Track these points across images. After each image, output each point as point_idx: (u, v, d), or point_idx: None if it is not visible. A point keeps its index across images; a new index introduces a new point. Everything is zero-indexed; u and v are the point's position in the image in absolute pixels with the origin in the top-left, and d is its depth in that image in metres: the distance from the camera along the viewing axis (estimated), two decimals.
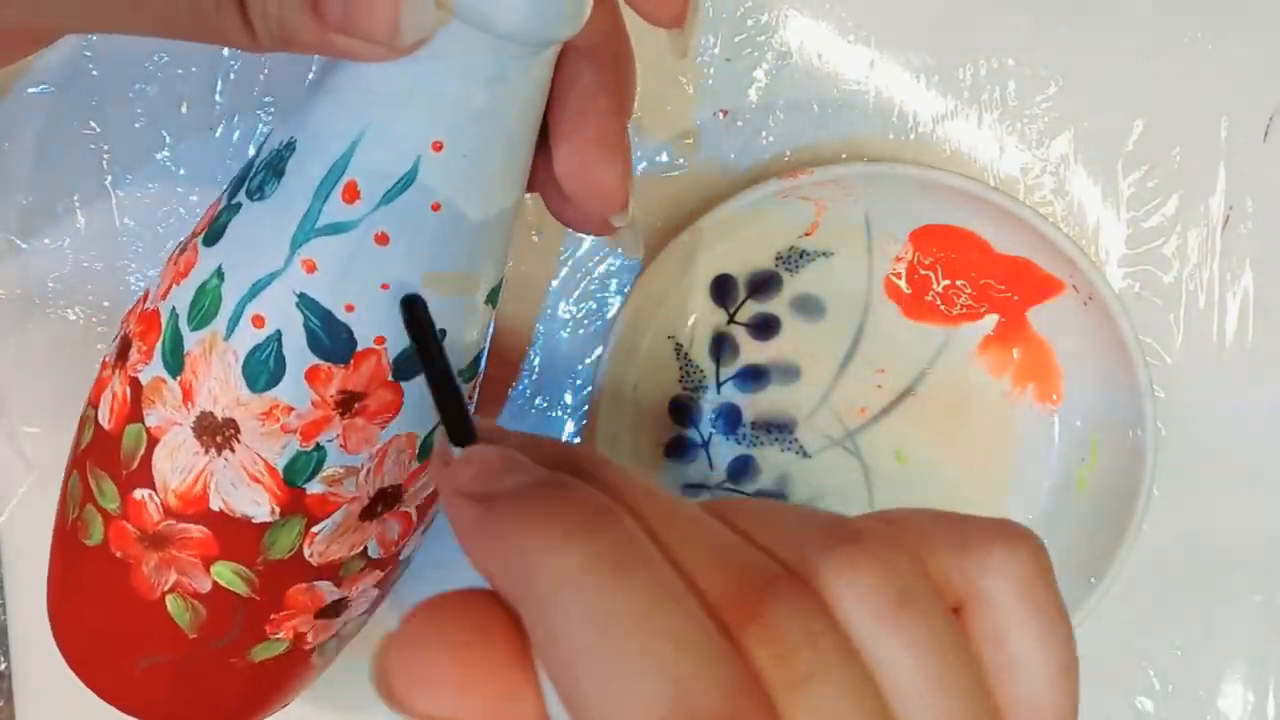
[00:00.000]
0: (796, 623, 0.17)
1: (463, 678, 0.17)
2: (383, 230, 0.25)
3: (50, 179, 0.38)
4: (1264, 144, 0.38)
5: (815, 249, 0.38)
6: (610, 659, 0.16)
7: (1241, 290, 0.39)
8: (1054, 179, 0.38)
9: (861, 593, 0.17)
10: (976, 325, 0.38)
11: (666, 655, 0.16)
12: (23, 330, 0.38)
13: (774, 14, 0.37)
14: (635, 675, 0.16)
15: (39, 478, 0.39)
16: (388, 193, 0.25)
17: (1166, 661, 0.40)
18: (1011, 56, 0.38)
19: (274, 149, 0.26)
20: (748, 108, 0.38)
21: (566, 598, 0.16)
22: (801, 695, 0.16)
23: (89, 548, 0.28)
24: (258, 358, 0.26)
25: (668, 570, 0.17)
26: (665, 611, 0.16)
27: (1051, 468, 0.38)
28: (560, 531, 0.17)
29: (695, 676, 0.16)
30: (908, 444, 0.39)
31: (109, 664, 0.30)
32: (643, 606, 0.16)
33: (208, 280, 0.26)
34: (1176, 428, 0.39)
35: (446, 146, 0.25)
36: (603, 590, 0.16)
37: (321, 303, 0.26)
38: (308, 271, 0.25)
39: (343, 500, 0.28)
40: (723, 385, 0.38)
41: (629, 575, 0.17)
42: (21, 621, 0.39)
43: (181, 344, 0.26)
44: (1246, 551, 0.40)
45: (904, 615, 0.17)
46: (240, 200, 0.27)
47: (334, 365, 0.26)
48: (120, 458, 0.27)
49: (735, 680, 0.16)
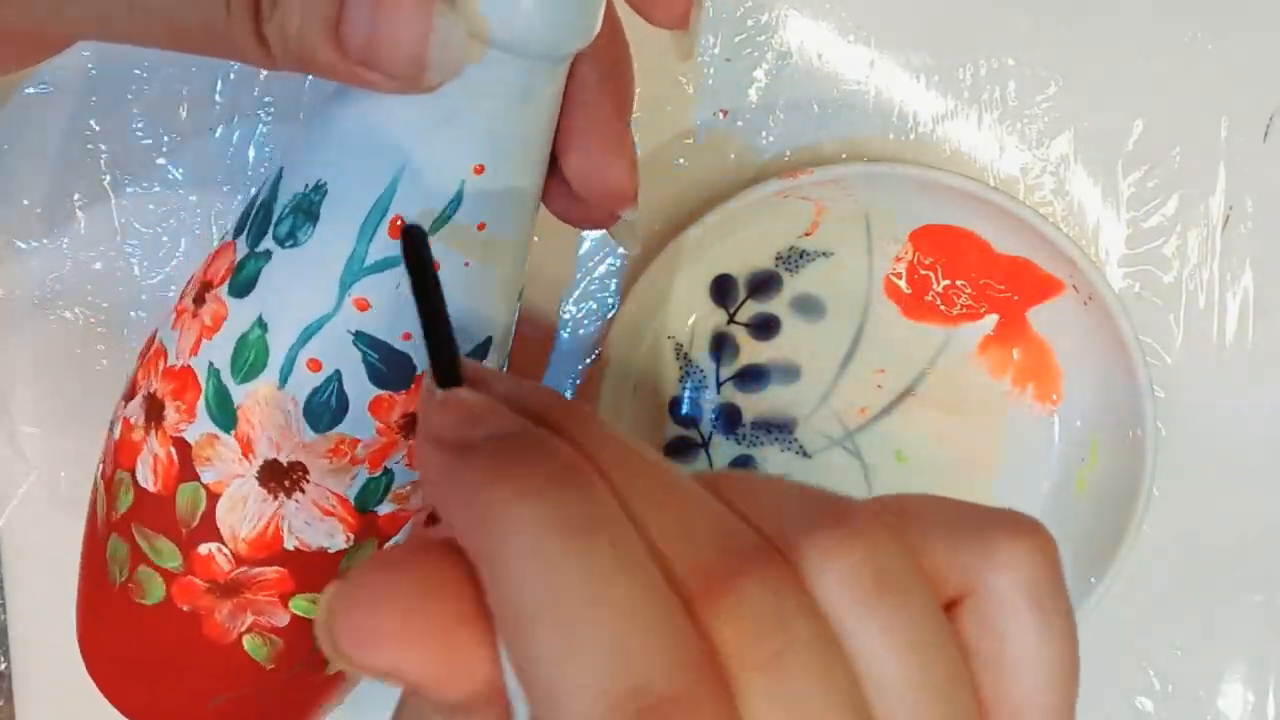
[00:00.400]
0: (767, 600, 0.16)
1: (405, 631, 0.16)
2: (434, 260, 0.25)
3: (50, 179, 0.38)
4: (1264, 144, 0.38)
5: (815, 249, 0.38)
6: (558, 627, 0.15)
7: (1241, 290, 0.39)
8: (1054, 179, 0.38)
9: (842, 575, 0.17)
10: (976, 325, 0.38)
11: (616, 628, 0.15)
12: (23, 330, 0.38)
13: (774, 14, 0.37)
14: (582, 647, 0.15)
15: (39, 478, 0.39)
16: (435, 223, 0.25)
17: (1166, 661, 0.40)
18: (1011, 56, 0.38)
19: (298, 192, 0.26)
20: (748, 108, 0.38)
21: (520, 558, 0.16)
22: (764, 677, 0.16)
23: (149, 607, 0.28)
24: (318, 400, 0.26)
25: (631, 537, 0.16)
26: (620, 581, 0.16)
27: (1051, 468, 0.38)
28: (523, 487, 0.16)
29: (644, 652, 0.15)
30: (908, 444, 0.39)
31: (179, 711, 0.29)
32: (597, 574, 0.16)
33: (248, 332, 0.26)
34: (1176, 428, 0.39)
35: (488, 168, 0.25)
36: (556, 553, 0.16)
37: (379, 337, 0.25)
38: (361, 310, 0.25)
39: (411, 512, 0.28)
40: (723, 385, 0.38)
41: (586, 540, 0.16)
42: (21, 621, 0.39)
43: (229, 398, 0.26)
44: (1246, 551, 0.40)
45: (884, 600, 0.17)
46: (268, 248, 0.26)
47: (396, 393, 0.26)
48: (177, 517, 0.27)
49: (687, 658, 0.15)
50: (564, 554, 0.16)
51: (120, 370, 0.38)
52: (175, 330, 0.28)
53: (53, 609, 0.39)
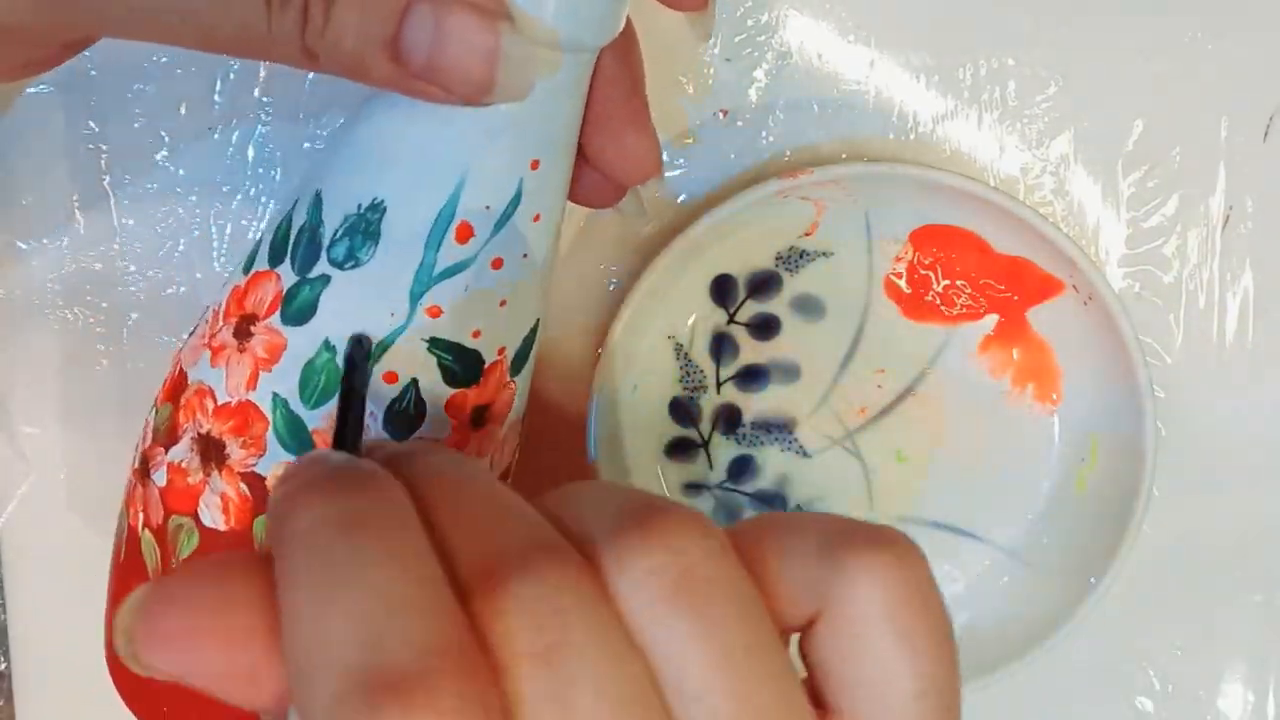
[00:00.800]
0: (543, 598, 0.16)
1: (193, 635, 0.17)
2: (498, 256, 0.26)
3: (50, 179, 0.38)
4: (1264, 144, 0.38)
5: (815, 249, 0.38)
6: (313, 607, 0.16)
7: (1241, 290, 0.39)
8: (1054, 179, 0.38)
9: (640, 577, 0.17)
10: (976, 325, 0.38)
11: (369, 608, 0.15)
12: (23, 330, 0.38)
13: (774, 14, 0.37)
14: (331, 627, 0.15)
15: (39, 478, 0.39)
16: (498, 222, 0.25)
17: (1166, 661, 0.40)
18: (1011, 56, 0.38)
19: (351, 214, 0.26)
20: (748, 108, 0.38)
21: (292, 546, 0.17)
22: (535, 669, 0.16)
23: None
24: (396, 410, 0.26)
25: (413, 536, 0.17)
26: (382, 570, 0.16)
27: (1051, 468, 0.38)
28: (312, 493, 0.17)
29: (392, 634, 0.15)
30: (908, 444, 0.39)
31: None
32: (361, 562, 0.16)
33: (315, 357, 0.26)
34: (1176, 428, 0.39)
35: (543, 162, 0.25)
36: (325, 545, 0.16)
37: (452, 339, 0.26)
38: (433, 317, 0.26)
39: None
40: (722, 385, 0.38)
41: (359, 533, 0.16)
42: (21, 621, 0.39)
43: (302, 425, 0.26)
44: (1246, 551, 0.40)
45: (686, 602, 0.16)
46: (325, 272, 0.26)
47: (469, 389, 0.27)
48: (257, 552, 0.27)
49: (439, 642, 0.15)
50: (329, 544, 0.16)
51: (120, 370, 0.38)
52: (219, 368, 0.27)
53: (52, 609, 0.39)
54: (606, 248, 0.38)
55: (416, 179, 0.25)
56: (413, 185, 0.25)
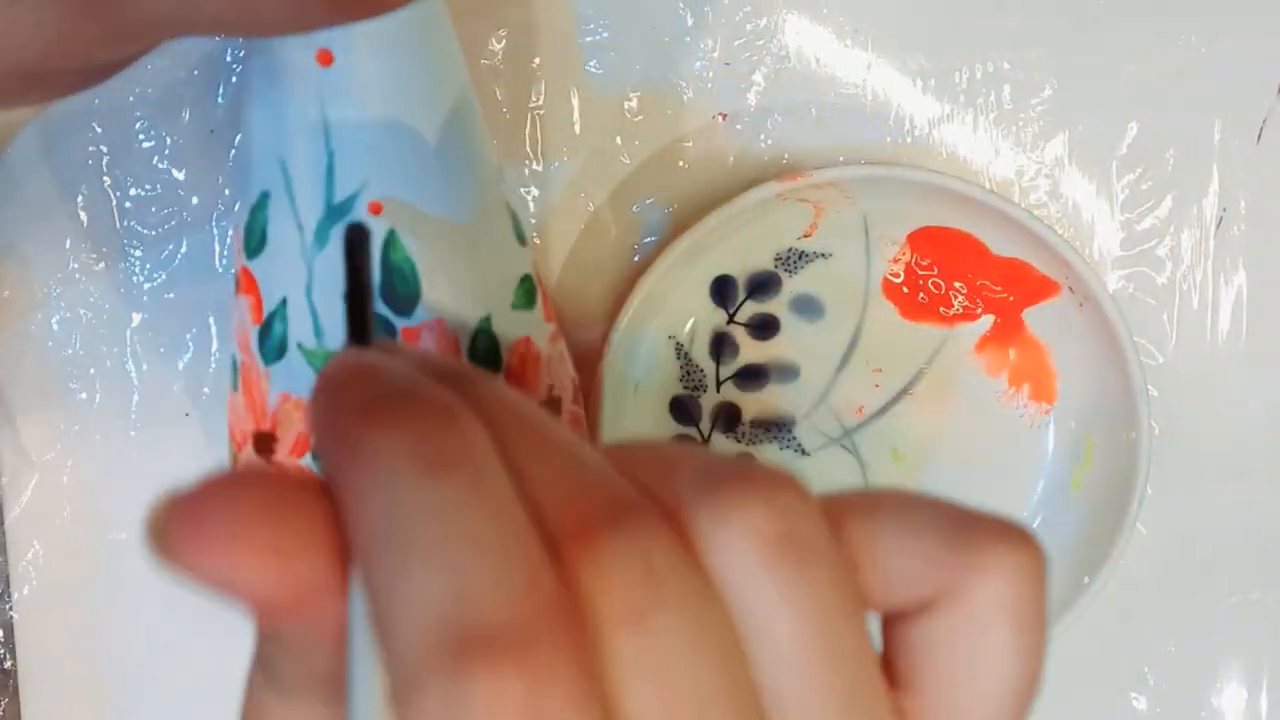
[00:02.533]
0: (635, 555, 0.15)
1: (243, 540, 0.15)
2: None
3: (50, 179, 0.38)
4: (1257, 146, 0.39)
5: (814, 250, 0.38)
6: (396, 551, 0.14)
7: (1235, 291, 0.39)
8: (1049, 181, 0.39)
9: (736, 534, 0.15)
10: (973, 326, 0.38)
11: (456, 558, 0.14)
12: (23, 330, 0.38)
13: (772, 18, 0.38)
14: (417, 573, 0.14)
15: (41, 478, 0.39)
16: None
17: (1161, 659, 0.40)
18: (1007, 60, 0.38)
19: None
20: (746, 111, 0.38)
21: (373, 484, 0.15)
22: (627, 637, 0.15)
23: None
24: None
25: (497, 480, 0.15)
26: (470, 515, 0.15)
27: (1047, 467, 0.39)
28: (388, 421, 0.16)
29: (483, 585, 0.14)
30: (904, 443, 0.39)
31: None
32: (446, 505, 0.15)
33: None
34: (1170, 427, 0.39)
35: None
36: (408, 482, 0.15)
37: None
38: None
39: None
40: (722, 385, 0.38)
41: (442, 472, 0.15)
42: (27, 618, 0.39)
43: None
44: (1240, 550, 0.40)
45: (784, 561, 0.15)
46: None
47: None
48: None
49: (532, 596, 0.14)
50: (415, 484, 0.15)
51: (120, 370, 0.38)
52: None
53: (58, 607, 0.39)
54: (607, 248, 0.38)
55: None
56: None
